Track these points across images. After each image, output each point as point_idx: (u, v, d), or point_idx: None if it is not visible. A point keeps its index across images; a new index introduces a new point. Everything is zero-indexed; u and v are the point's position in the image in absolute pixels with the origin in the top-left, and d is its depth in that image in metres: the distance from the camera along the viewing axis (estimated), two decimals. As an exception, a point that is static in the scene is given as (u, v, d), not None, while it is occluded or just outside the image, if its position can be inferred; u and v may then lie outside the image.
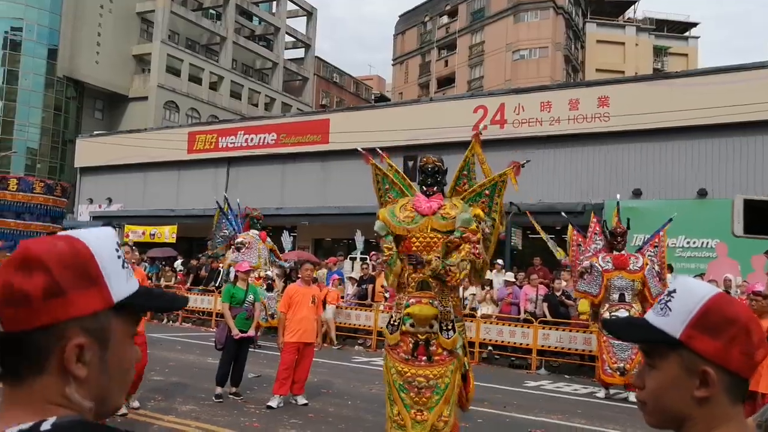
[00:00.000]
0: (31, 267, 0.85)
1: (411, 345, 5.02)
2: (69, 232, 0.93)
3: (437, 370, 4.97)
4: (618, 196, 11.54)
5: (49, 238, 0.91)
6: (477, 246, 5.05)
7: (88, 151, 31.19)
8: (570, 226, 10.70)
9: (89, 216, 29.10)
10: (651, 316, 1.14)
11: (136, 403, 6.74)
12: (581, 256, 10.11)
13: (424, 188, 5.47)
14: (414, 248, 5.15)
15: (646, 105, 17.04)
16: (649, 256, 9.83)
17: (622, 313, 9.13)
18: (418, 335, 5.01)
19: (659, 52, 50.69)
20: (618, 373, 9.13)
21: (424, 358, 4.99)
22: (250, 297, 8.08)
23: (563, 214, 11.88)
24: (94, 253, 0.89)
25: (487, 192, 5.59)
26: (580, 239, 10.35)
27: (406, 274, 5.19)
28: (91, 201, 30.31)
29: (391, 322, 5.26)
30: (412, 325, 5.02)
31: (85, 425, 0.85)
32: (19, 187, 8.10)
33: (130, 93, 42.85)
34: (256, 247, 12.39)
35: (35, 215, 8.09)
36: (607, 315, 9.33)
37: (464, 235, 4.97)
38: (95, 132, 34.70)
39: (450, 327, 5.05)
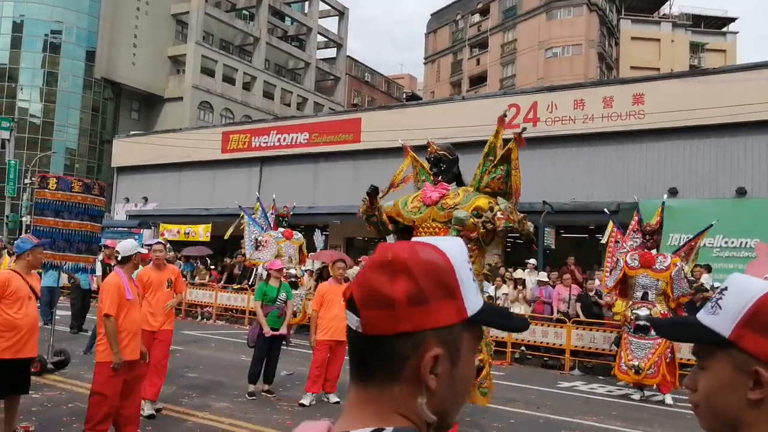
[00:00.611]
0: (396, 271, 0.85)
1: None
2: (427, 240, 0.91)
3: None
4: (665, 196, 11.39)
5: (410, 244, 0.89)
6: (470, 236, 4.91)
7: (125, 151, 31.82)
8: (611, 223, 10.67)
9: (125, 215, 29.68)
10: (702, 315, 1.10)
11: (160, 405, 6.83)
12: (617, 252, 10.04)
13: (432, 177, 5.41)
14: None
15: (682, 102, 16.70)
16: (684, 257, 9.72)
17: (644, 312, 9.07)
18: None
19: (696, 48, 49.64)
20: (632, 371, 9.03)
21: None
22: (283, 295, 8.13)
23: (606, 210, 11.75)
24: (453, 264, 0.88)
25: (502, 168, 5.43)
26: (618, 236, 10.30)
27: None
28: (127, 200, 30.91)
29: None
30: None
31: None
32: (58, 186, 8.26)
33: (165, 94, 43.58)
34: (273, 245, 12.47)
35: (73, 213, 8.24)
36: (628, 312, 9.37)
37: (461, 234, 4.83)
38: (132, 132, 35.37)
39: None
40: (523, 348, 12.50)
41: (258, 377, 7.87)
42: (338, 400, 7.74)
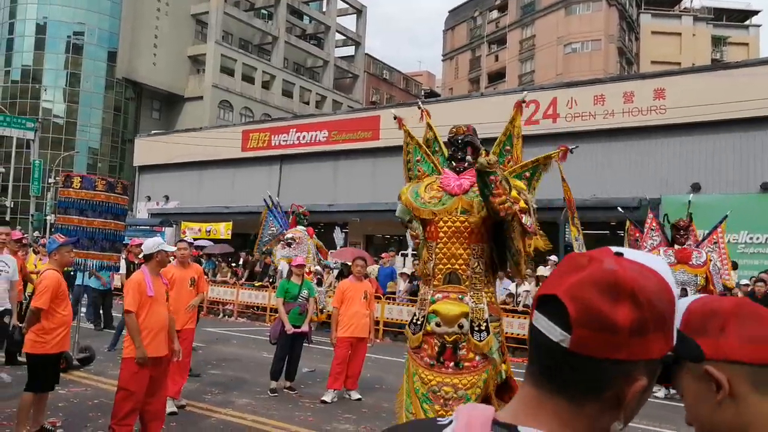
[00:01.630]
0: (621, 296, 0.80)
1: (437, 348, 4.27)
2: (644, 261, 0.86)
3: (468, 378, 4.20)
4: (691, 195, 11.26)
5: (631, 264, 0.84)
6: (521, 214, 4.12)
7: (146, 150, 32.17)
8: (628, 221, 10.55)
9: (147, 213, 30.02)
10: None
11: (183, 401, 6.91)
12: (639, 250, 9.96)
13: (454, 164, 4.61)
14: (441, 234, 4.38)
15: (704, 96, 16.48)
16: (708, 252, 9.57)
17: None
18: (445, 337, 4.25)
19: (718, 42, 48.90)
20: None
21: (452, 364, 4.23)
22: (305, 292, 8.15)
23: (620, 209, 11.61)
24: (674, 297, 0.84)
25: (527, 174, 4.74)
26: (637, 234, 10.18)
27: (431, 264, 4.42)
28: (149, 198, 31.25)
29: (414, 321, 4.50)
30: (438, 325, 4.26)
31: None
32: (83, 185, 8.36)
33: (185, 93, 43.96)
34: (305, 242, 12.54)
35: (97, 212, 8.34)
36: None
37: (495, 193, 3.98)
38: (153, 131, 35.76)
39: (483, 327, 4.25)
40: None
41: (280, 374, 7.92)
42: (360, 396, 7.76)
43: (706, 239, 10.02)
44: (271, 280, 16.37)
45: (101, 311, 12.56)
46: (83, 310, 11.90)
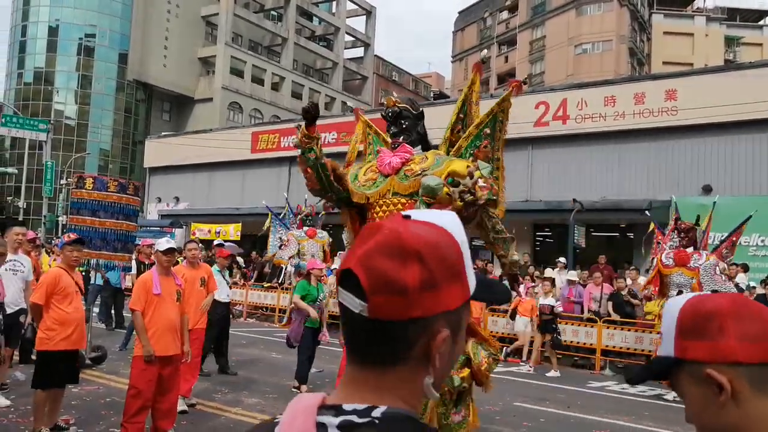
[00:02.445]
0: (407, 256, 0.82)
1: None
2: (424, 215, 0.89)
3: None
4: (716, 197, 11.22)
5: (415, 224, 0.87)
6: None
7: (157, 151, 32.34)
8: (652, 224, 10.59)
9: (158, 214, 30.18)
10: (659, 351, 1.13)
11: (194, 400, 6.95)
12: (659, 252, 9.92)
13: (389, 140, 4.18)
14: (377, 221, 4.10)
15: (716, 97, 16.37)
16: (725, 254, 9.55)
17: None
18: None
19: (731, 42, 48.59)
20: None
21: None
22: (321, 295, 8.18)
23: (647, 212, 11.59)
24: (460, 245, 0.87)
25: (487, 131, 4.22)
26: (659, 237, 10.18)
27: None
28: (159, 200, 31.41)
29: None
30: None
31: (415, 423, 0.84)
32: (95, 186, 8.45)
33: (195, 95, 44.18)
34: (294, 244, 12.59)
35: (109, 213, 8.42)
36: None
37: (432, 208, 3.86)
38: (163, 133, 35.94)
39: None
40: (553, 347, 12.39)
41: (308, 377, 7.88)
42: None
43: (725, 242, 9.96)
44: (281, 281, 16.44)
45: (113, 311, 12.66)
46: (95, 310, 12.00)
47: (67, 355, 5.38)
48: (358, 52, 55.63)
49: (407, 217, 0.87)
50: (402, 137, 4.06)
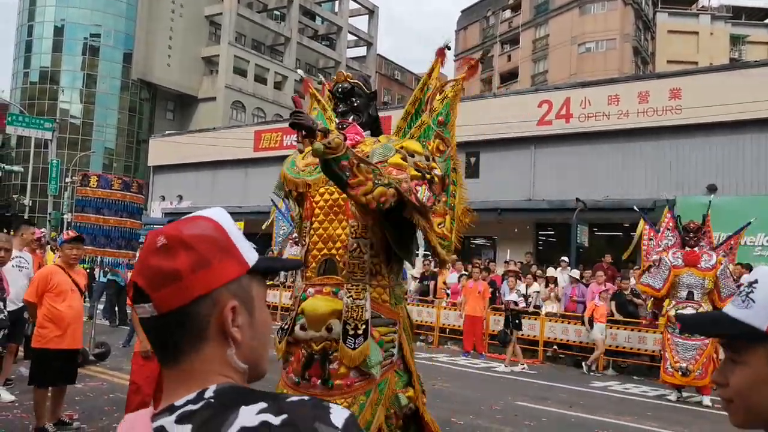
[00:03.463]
0: (173, 248, 0.90)
1: (303, 360, 3.21)
2: (194, 213, 0.99)
3: (339, 401, 2.96)
4: (711, 196, 11.14)
5: (179, 221, 0.96)
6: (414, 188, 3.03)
7: (161, 150, 32.42)
8: (642, 221, 10.44)
9: (161, 213, 30.26)
10: (731, 309, 1.08)
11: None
12: (652, 251, 9.85)
13: (338, 120, 3.62)
14: (317, 211, 3.34)
15: (721, 96, 16.32)
16: (723, 255, 9.47)
17: (689, 311, 8.78)
18: (312, 344, 3.18)
19: (736, 41, 48.44)
20: (679, 372, 8.79)
21: (319, 381, 3.14)
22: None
23: (636, 208, 11.50)
24: (223, 225, 0.95)
25: (441, 119, 3.63)
26: (652, 234, 10.09)
27: (304, 250, 3.38)
28: (163, 198, 31.50)
29: (282, 326, 3.41)
30: (303, 328, 3.21)
31: (240, 389, 0.90)
32: (99, 183, 8.50)
33: (199, 94, 44.27)
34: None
35: (113, 210, 8.46)
36: (672, 312, 8.99)
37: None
38: (167, 132, 36.02)
39: (361, 331, 3.08)
40: (555, 347, 12.41)
41: None
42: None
43: (723, 244, 9.90)
44: (283, 279, 16.46)
45: (116, 308, 12.72)
46: (100, 306, 12.04)
47: (62, 353, 5.28)
48: (361, 51, 55.66)
49: (171, 220, 0.95)
50: (352, 117, 3.56)
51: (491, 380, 9.76)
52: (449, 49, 3.85)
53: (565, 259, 14.53)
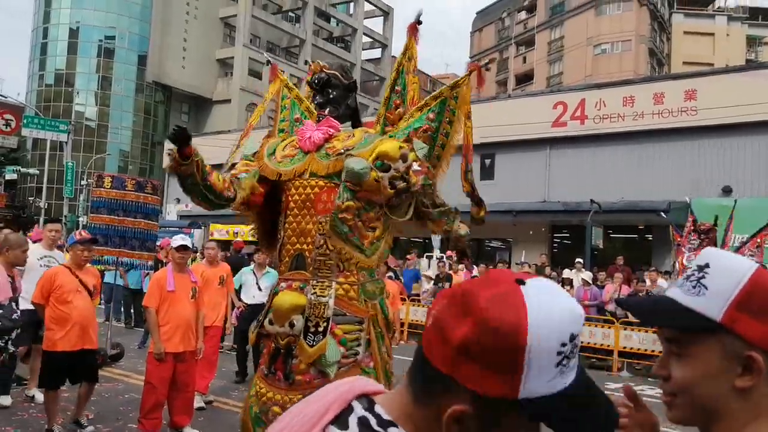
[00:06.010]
0: (466, 313, 0.79)
1: (272, 353, 3.29)
2: (541, 298, 0.80)
3: (299, 397, 2.77)
4: (734, 200, 11.01)
5: (500, 292, 0.80)
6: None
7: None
8: (670, 227, 10.44)
9: (177, 215, 30.43)
10: (679, 295, 0.98)
11: (211, 397, 7.00)
12: (682, 255, 9.77)
13: (315, 112, 3.61)
14: (292, 205, 3.36)
15: (736, 97, 16.17)
16: (750, 256, 9.37)
17: None
18: (278, 338, 3.23)
19: (753, 42, 47.99)
20: None
21: (282, 375, 3.19)
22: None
23: (663, 214, 11.37)
24: (528, 345, 0.76)
25: (431, 116, 3.49)
26: (678, 239, 10.02)
27: (279, 244, 3.44)
28: (178, 200, 31.67)
29: (258, 317, 3.47)
30: (271, 322, 3.27)
31: None
32: (113, 184, 8.52)
33: (214, 96, 44.49)
34: None
35: (127, 211, 8.48)
36: None
37: (358, 196, 3.16)
38: (182, 134, 36.18)
39: (321, 329, 3.09)
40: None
41: None
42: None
43: (748, 243, 9.79)
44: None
45: (131, 310, 12.79)
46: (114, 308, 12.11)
47: (71, 354, 5.21)
48: (376, 53, 55.70)
49: (521, 282, 0.82)
50: (328, 109, 3.50)
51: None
52: (420, 23, 3.76)
53: (580, 260, 14.44)
